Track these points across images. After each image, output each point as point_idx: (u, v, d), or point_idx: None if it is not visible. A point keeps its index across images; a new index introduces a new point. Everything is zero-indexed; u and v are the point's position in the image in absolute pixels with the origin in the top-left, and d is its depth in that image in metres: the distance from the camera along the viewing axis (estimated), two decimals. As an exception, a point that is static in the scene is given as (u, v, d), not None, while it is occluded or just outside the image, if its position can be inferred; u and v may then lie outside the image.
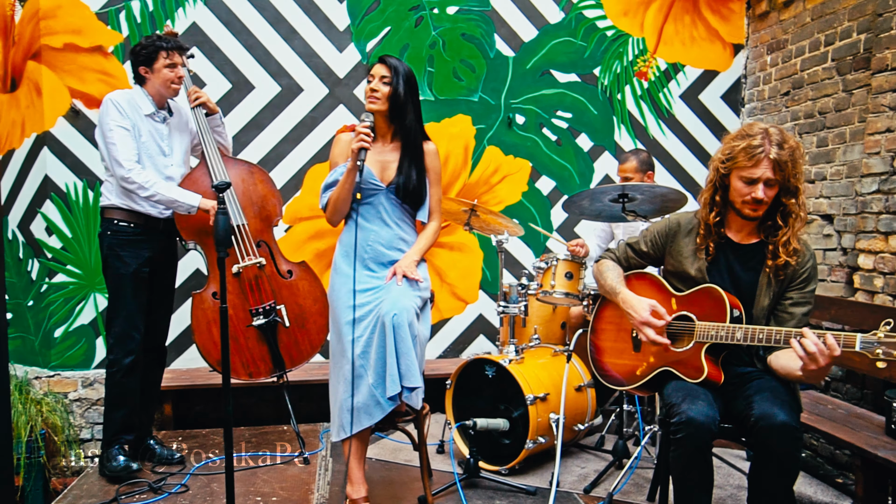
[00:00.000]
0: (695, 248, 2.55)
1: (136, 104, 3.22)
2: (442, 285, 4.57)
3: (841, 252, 3.86)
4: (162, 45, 3.23)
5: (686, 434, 2.28)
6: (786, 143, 2.33)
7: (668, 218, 2.69)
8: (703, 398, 2.33)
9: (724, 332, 2.35)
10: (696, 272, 2.52)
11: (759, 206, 2.39)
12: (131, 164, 3.12)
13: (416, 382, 2.65)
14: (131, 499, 3.03)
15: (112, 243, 3.22)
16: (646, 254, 2.70)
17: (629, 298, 2.59)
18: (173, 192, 3.19)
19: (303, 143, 4.39)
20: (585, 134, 4.69)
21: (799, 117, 4.23)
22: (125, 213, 3.22)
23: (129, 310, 3.22)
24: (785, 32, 4.37)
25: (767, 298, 2.44)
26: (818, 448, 3.83)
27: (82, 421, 4.13)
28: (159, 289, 3.40)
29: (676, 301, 2.56)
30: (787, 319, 2.42)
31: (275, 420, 4.20)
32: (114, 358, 3.21)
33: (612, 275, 2.71)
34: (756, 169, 2.34)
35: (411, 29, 4.46)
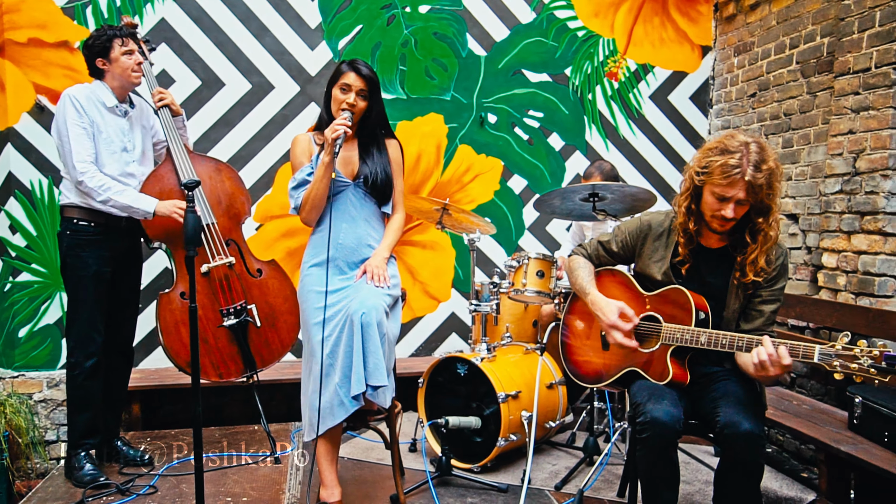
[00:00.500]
0: (663, 252, 2.56)
1: (98, 98, 3.13)
2: (414, 284, 4.58)
3: (806, 251, 3.95)
4: (115, 32, 3.13)
5: (651, 434, 2.31)
6: (764, 163, 2.27)
7: (640, 218, 2.68)
8: (668, 398, 2.37)
9: (689, 335, 2.38)
10: (662, 276, 2.54)
11: (726, 223, 2.37)
12: (85, 167, 3.02)
13: (383, 381, 2.64)
14: (98, 501, 2.99)
15: (72, 243, 3.13)
16: (616, 254, 2.72)
17: (598, 300, 2.61)
18: (128, 197, 3.09)
19: (274, 141, 4.36)
20: (557, 133, 4.73)
21: (765, 118, 4.31)
22: (85, 212, 3.12)
23: (90, 312, 3.15)
24: (751, 35, 4.45)
25: (738, 301, 2.46)
26: (784, 443, 3.91)
27: (47, 422, 4.05)
28: (124, 289, 3.32)
29: (645, 300, 2.59)
30: (756, 317, 2.45)
31: (246, 420, 4.18)
32: (74, 361, 3.14)
33: (582, 273, 2.72)
34: (730, 189, 2.29)
35: (383, 27, 4.45)
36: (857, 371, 2.04)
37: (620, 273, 2.73)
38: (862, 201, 3.46)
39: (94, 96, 3.12)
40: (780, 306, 2.48)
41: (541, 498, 3.10)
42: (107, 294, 3.20)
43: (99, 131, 3.11)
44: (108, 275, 3.18)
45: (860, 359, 2.04)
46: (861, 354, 2.05)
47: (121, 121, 3.20)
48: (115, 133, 3.17)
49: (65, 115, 3.04)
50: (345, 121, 2.71)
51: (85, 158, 3.03)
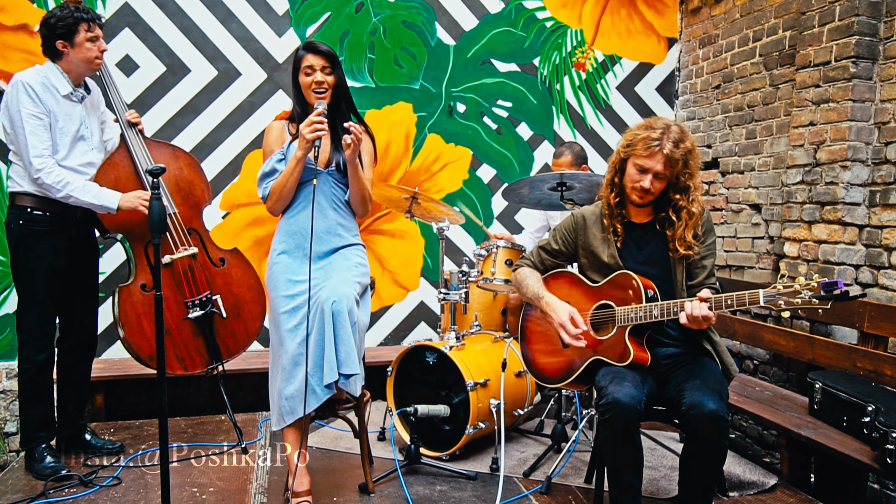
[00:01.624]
0: (603, 234, 2.66)
1: (52, 85, 2.94)
2: (383, 273, 4.57)
3: (768, 240, 4.02)
4: (82, 16, 2.92)
5: (613, 415, 2.36)
6: (682, 142, 2.48)
7: (573, 213, 2.79)
8: (630, 380, 2.42)
9: (642, 312, 2.46)
10: (608, 258, 2.63)
11: (644, 195, 2.54)
12: (42, 162, 2.87)
13: (355, 369, 2.63)
14: (60, 493, 2.93)
15: (24, 234, 2.97)
16: (559, 251, 2.79)
17: (551, 301, 2.68)
18: (89, 193, 2.95)
19: (240, 129, 4.31)
20: (525, 123, 4.75)
21: (729, 110, 4.37)
22: (39, 201, 2.95)
23: (42, 305, 3.02)
24: (716, 27, 4.51)
25: (681, 266, 2.58)
26: (747, 429, 3.99)
27: (7, 413, 3.97)
28: (82, 281, 3.20)
29: (595, 292, 2.65)
30: (699, 273, 2.60)
31: (212, 410, 4.14)
32: (26, 354, 3.03)
33: (531, 281, 2.78)
34: (649, 160, 2.48)
35: (351, 15, 4.42)
36: (801, 305, 2.14)
37: (567, 272, 2.80)
38: (822, 192, 3.54)
39: (48, 83, 2.94)
40: (715, 258, 2.65)
41: (509, 485, 3.12)
42: (60, 286, 3.07)
43: (55, 120, 2.94)
44: (62, 266, 3.05)
45: (801, 293, 2.14)
46: (801, 288, 2.15)
47: (77, 107, 3.04)
48: (71, 121, 3.01)
49: (18, 104, 2.86)
50: (321, 119, 2.65)
51: (42, 153, 2.88)
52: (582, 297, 2.68)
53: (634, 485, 2.45)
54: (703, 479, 2.41)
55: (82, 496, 2.91)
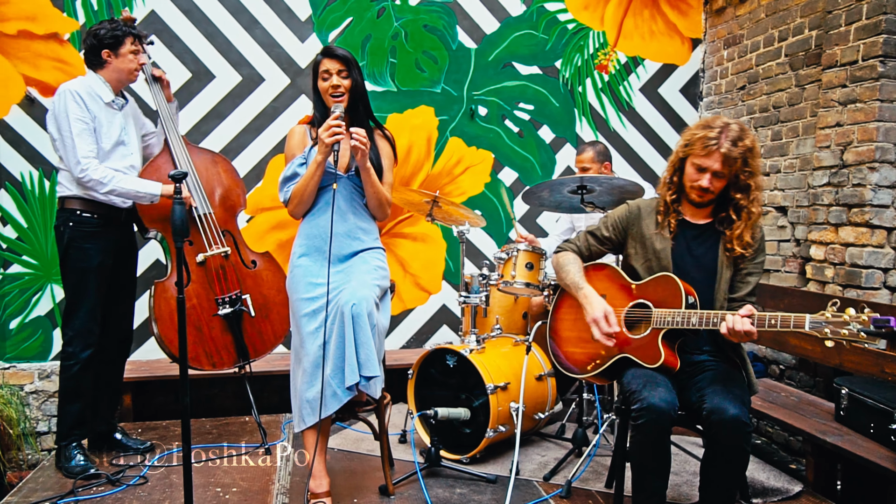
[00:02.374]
0: (657, 228, 2.64)
1: (96, 93, 3.13)
2: (405, 276, 4.59)
3: (794, 243, 3.97)
4: (130, 30, 3.15)
5: (647, 420, 2.34)
6: (741, 140, 2.45)
7: (628, 203, 2.76)
8: (663, 384, 2.40)
9: (679, 317, 2.42)
10: (661, 250, 2.61)
11: (704, 194, 2.52)
12: (87, 162, 3.03)
13: (375, 371, 2.66)
14: (88, 491, 3.00)
15: (74, 236, 3.12)
16: (608, 238, 2.76)
17: (590, 295, 2.65)
18: (133, 183, 3.14)
19: (264, 134, 4.36)
20: (547, 126, 4.74)
21: (754, 111, 4.32)
22: (87, 204, 3.13)
23: (92, 304, 3.16)
24: (741, 28, 4.46)
25: (729, 272, 2.55)
26: (773, 435, 3.94)
27: (39, 413, 4.06)
28: (123, 279, 3.35)
29: (633, 290, 2.62)
30: (742, 287, 2.56)
31: (237, 411, 4.19)
32: (71, 351, 3.15)
33: (572, 269, 2.75)
34: (707, 159, 2.47)
35: (373, 20, 4.45)
36: (847, 337, 2.09)
37: (608, 266, 2.76)
38: (849, 194, 3.48)
39: (93, 91, 3.12)
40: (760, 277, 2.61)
41: (529, 488, 3.12)
42: (106, 285, 3.22)
43: (100, 125, 3.12)
44: (109, 266, 3.21)
45: (850, 324, 2.10)
46: (850, 320, 2.10)
47: (118, 114, 3.22)
48: (113, 127, 3.18)
49: (66, 109, 3.03)
50: (338, 122, 2.69)
51: (87, 154, 3.04)
52: (619, 292, 2.66)
53: (659, 491, 2.44)
54: (725, 485, 2.38)
55: (109, 494, 2.97)
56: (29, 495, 2.96)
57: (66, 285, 3.19)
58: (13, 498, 2.94)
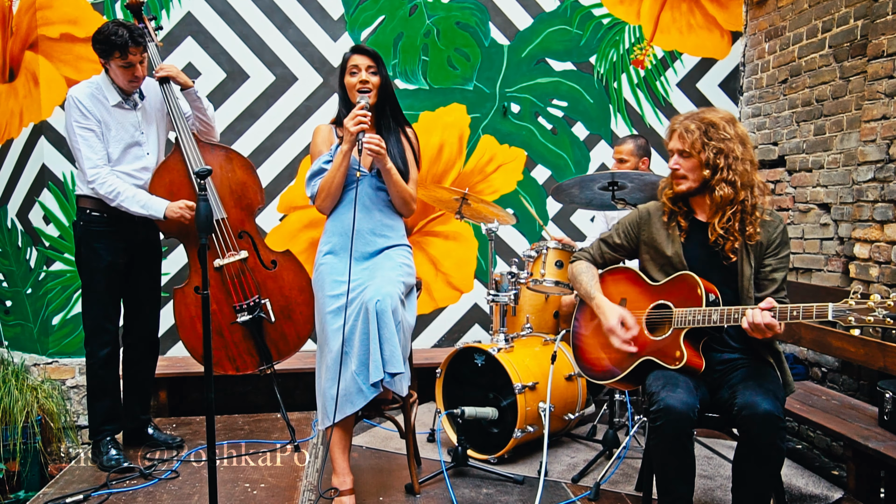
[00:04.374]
0: (667, 229, 2.58)
1: (101, 96, 3.08)
2: (437, 274, 4.57)
3: (838, 241, 3.83)
4: (116, 42, 2.96)
5: (665, 422, 2.28)
6: (702, 119, 2.45)
7: (638, 207, 2.72)
8: (683, 386, 2.33)
9: (700, 315, 2.36)
10: (672, 254, 2.54)
11: (678, 178, 2.51)
12: (95, 173, 3.02)
13: (399, 368, 2.65)
14: (121, 484, 3.06)
15: (85, 234, 3.14)
16: (620, 246, 2.72)
17: (602, 304, 2.61)
18: (137, 203, 3.06)
19: (297, 133, 4.40)
20: (581, 122, 4.67)
21: (797, 105, 4.18)
22: (97, 203, 3.11)
23: (103, 302, 3.16)
24: (783, 19, 4.32)
25: (749, 267, 2.47)
26: (814, 440, 3.81)
27: (80, 408, 4.17)
28: (145, 280, 3.34)
29: (654, 291, 2.56)
30: (768, 285, 2.48)
31: (269, 408, 4.24)
32: (90, 350, 3.19)
33: (585, 278, 2.72)
34: (670, 141, 2.52)
35: (405, 18, 4.45)
36: (873, 323, 2.02)
37: (626, 269, 2.72)
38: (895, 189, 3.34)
39: (98, 94, 3.07)
40: (787, 273, 2.55)
41: (557, 490, 3.08)
42: (121, 285, 3.22)
43: (107, 128, 3.07)
44: (121, 266, 3.19)
45: (875, 311, 2.02)
46: (875, 306, 2.02)
47: (131, 114, 3.16)
48: (124, 128, 3.13)
49: (71, 118, 3.02)
50: (364, 112, 2.71)
51: (96, 163, 3.03)
52: (639, 295, 2.60)
53: (685, 495, 2.37)
54: (758, 485, 2.29)
55: (141, 488, 3.02)
56: (65, 487, 3.03)
57: (81, 283, 3.22)
58: (50, 489, 3.02)
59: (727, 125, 2.45)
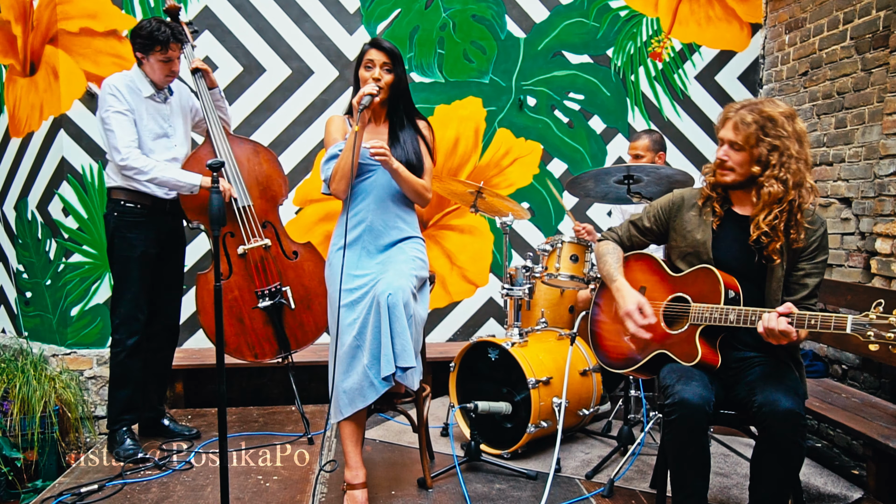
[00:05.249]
0: (700, 220, 2.51)
1: (136, 87, 3.19)
2: (452, 268, 4.56)
3: (859, 236, 3.76)
4: (159, 37, 3.11)
5: (679, 415, 2.25)
6: (761, 111, 2.32)
7: (673, 192, 2.64)
8: (698, 379, 2.30)
9: (717, 314, 2.31)
10: (701, 242, 2.48)
11: (723, 170, 2.41)
12: (128, 151, 3.11)
13: (411, 362, 2.63)
14: (136, 475, 3.09)
15: (119, 225, 3.22)
16: (649, 230, 2.66)
17: (622, 288, 2.56)
18: (173, 173, 3.19)
19: (313, 126, 4.40)
20: (598, 116, 4.63)
21: (817, 98, 4.11)
22: (131, 194, 3.21)
23: (135, 291, 3.25)
24: (803, 11, 4.25)
25: (781, 269, 2.39)
26: (834, 438, 3.75)
27: (97, 398, 4.21)
28: (168, 271, 3.42)
29: (672, 283, 2.52)
30: (799, 290, 2.40)
31: (284, 400, 4.26)
32: (118, 338, 3.25)
33: (610, 259, 2.66)
34: (723, 129, 2.40)
35: (421, 11, 4.43)
36: (892, 340, 1.95)
37: (648, 256, 2.66)
38: (918, 184, 3.28)
39: (132, 85, 3.19)
40: (822, 280, 2.43)
41: (570, 486, 3.05)
42: (151, 274, 3.30)
43: (140, 118, 3.18)
44: (153, 256, 3.28)
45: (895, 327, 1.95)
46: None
47: (161, 107, 3.27)
48: (154, 119, 3.24)
49: (105, 103, 3.12)
50: (371, 87, 2.73)
51: (129, 143, 3.12)
52: (658, 285, 2.55)
53: (699, 490, 2.34)
54: (776, 483, 2.25)
55: (156, 478, 3.05)
56: (81, 477, 3.07)
57: (113, 274, 3.30)
58: (66, 479, 3.06)
59: (786, 121, 2.33)
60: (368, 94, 2.71)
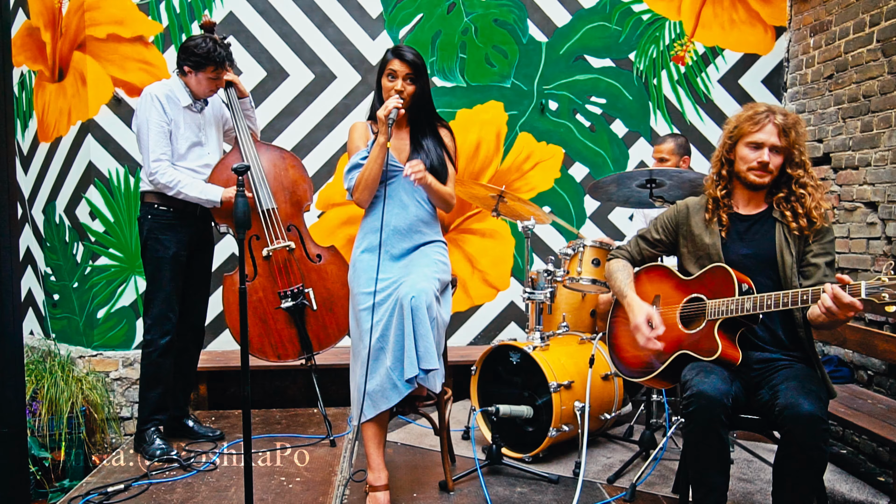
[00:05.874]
0: (706, 224, 2.56)
1: (175, 97, 3.30)
2: (473, 272, 4.57)
3: (885, 241, 3.72)
4: (215, 58, 3.27)
5: (697, 407, 2.25)
6: (789, 115, 2.44)
7: (677, 203, 2.71)
8: (717, 373, 2.31)
9: (733, 305, 2.33)
10: (711, 246, 2.52)
11: (764, 173, 2.44)
12: (157, 166, 3.21)
13: (434, 365, 2.65)
14: (162, 475, 3.13)
15: (152, 227, 3.32)
16: (659, 241, 2.70)
17: (632, 302, 2.60)
18: (196, 189, 3.28)
19: (335, 130, 4.43)
20: (620, 120, 4.62)
21: (843, 101, 4.07)
22: (163, 199, 3.31)
23: (167, 292, 3.32)
24: (829, 13, 4.21)
25: (790, 256, 2.42)
26: (860, 445, 3.71)
27: (122, 399, 4.27)
28: (197, 271, 3.50)
29: (686, 285, 2.55)
30: (813, 271, 2.41)
31: (306, 402, 4.29)
32: (150, 338, 3.32)
33: (621, 276, 2.71)
34: (762, 133, 2.41)
35: (443, 15, 4.45)
36: None
37: (660, 266, 2.72)
38: (946, 188, 3.23)
39: (172, 95, 3.30)
40: (834, 260, 2.46)
41: (592, 490, 3.05)
42: (182, 276, 3.38)
43: (177, 127, 3.29)
44: (184, 257, 3.37)
45: None
46: None
47: (197, 116, 3.39)
48: (190, 128, 3.35)
49: (147, 113, 3.23)
50: (396, 100, 2.74)
51: (160, 157, 3.23)
52: (673, 290, 2.58)
53: (720, 486, 2.32)
54: (800, 489, 2.23)
55: (180, 479, 3.09)
56: (107, 477, 3.11)
57: (146, 274, 3.38)
58: (93, 478, 3.11)
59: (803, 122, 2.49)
60: (394, 107, 2.73)
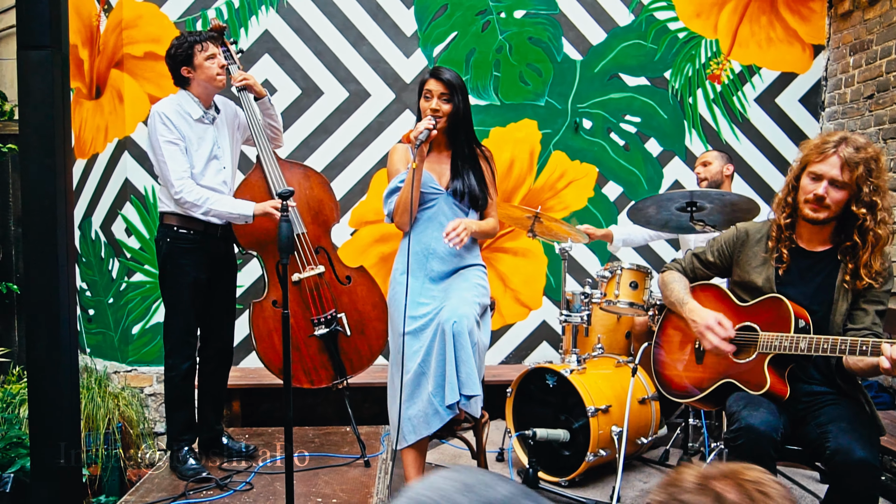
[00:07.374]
0: (765, 256, 2.47)
1: (184, 111, 3.17)
2: (505, 291, 4.55)
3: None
4: (194, 38, 3.12)
5: (745, 441, 2.20)
6: (863, 149, 2.24)
7: (737, 226, 2.61)
8: (766, 407, 2.27)
9: (787, 342, 2.27)
10: (763, 282, 2.44)
11: (819, 208, 2.30)
12: (181, 184, 3.08)
13: (476, 390, 2.64)
14: (198, 495, 3.12)
15: (171, 251, 3.19)
16: (713, 264, 2.64)
17: (695, 308, 2.52)
18: (226, 205, 3.15)
19: (369, 148, 4.44)
20: (654, 138, 4.59)
21: (883, 122, 4.02)
22: (183, 220, 3.18)
23: (187, 317, 3.24)
24: (869, 32, 4.16)
25: (846, 303, 2.35)
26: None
27: (157, 415, 4.29)
28: (221, 295, 3.39)
29: (741, 312, 2.49)
30: (862, 317, 2.34)
31: (338, 420, 4.27)
32: (172, 363, 3.26)
33: (678, 286, 2.64)
34: (823, 164, 2.27)
35: (478, 33, 4.45)
36: None
37: (715, 286, 2.64)
38: None
39: (181, 109, 3.16)
40: (886, 309, 2.36)
41: (630, 516, 3.02)
42: (202, 299, 3.28)
43: (190, 143, 3.16)
44: (204, 281, 3.25)
45: None
46: None
47: (209, 128, 3.25)
48: (205, 142, 3.21)
49: (156, 132, 3.10)
50: (428, 121, 2.74)
51: (182, 175, 3.09)
52: (726, 314, 2.49)
53: None
54: None
55: (218, 499, 3.08)
56: (146, 495, 3.12)
57: (164, 299, 3.28)
58: (132, 497, 3.11)
59: (884, 160, 2.30)
60: (426, 128, 2.72)
